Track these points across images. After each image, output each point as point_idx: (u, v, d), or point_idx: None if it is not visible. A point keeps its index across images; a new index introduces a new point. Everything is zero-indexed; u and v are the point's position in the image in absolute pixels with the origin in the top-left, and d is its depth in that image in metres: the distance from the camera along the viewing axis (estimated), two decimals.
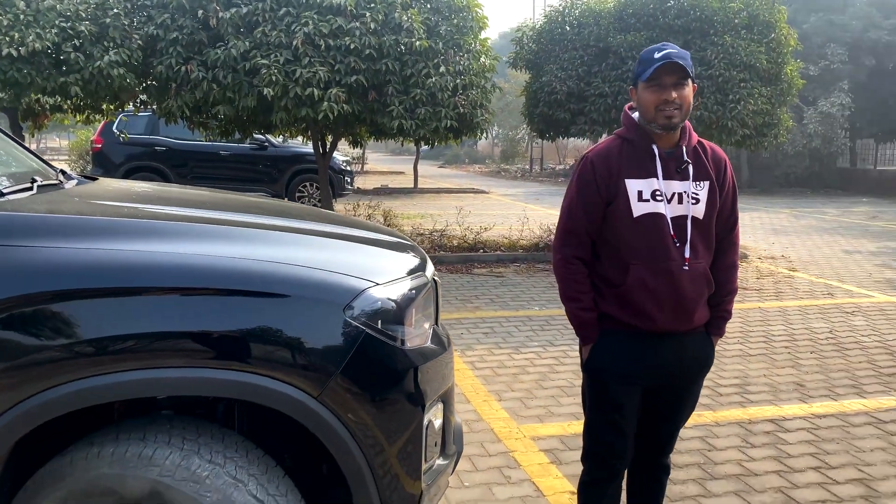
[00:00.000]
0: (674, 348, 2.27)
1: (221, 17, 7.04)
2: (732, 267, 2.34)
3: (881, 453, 3.63)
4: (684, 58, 2.13)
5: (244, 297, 1.78)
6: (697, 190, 2.22)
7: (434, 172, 28.52)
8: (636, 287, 2.19)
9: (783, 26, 8.09)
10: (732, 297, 2.36)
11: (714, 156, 2.29)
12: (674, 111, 2.13)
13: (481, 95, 7.97)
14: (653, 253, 2.18)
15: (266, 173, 13.47)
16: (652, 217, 2.19)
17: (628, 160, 2.22)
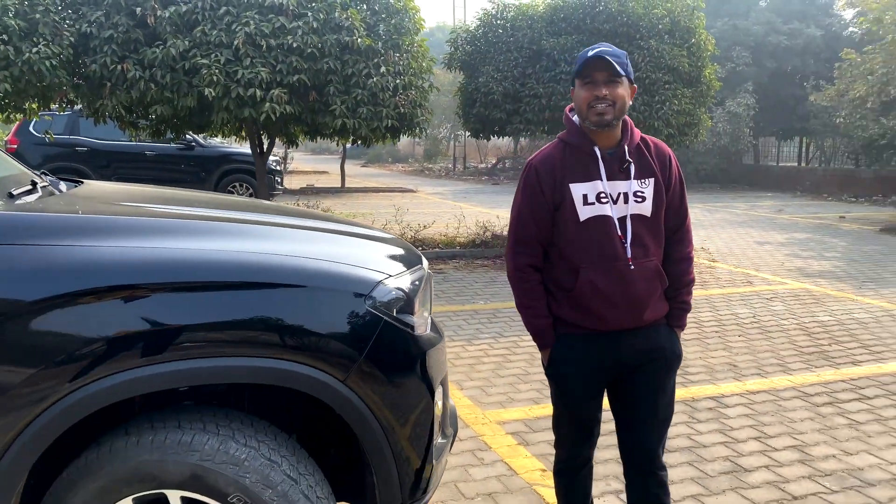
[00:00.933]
0: (631, 344, 2.27)
1: (160, 15, 6.94)
2: (686, 259, 2.35)
3: (811, 423, 4.01)
4: (617, 56, 2.12)
5: (278, 289, 1.90)
6: (643, 188, 2.21)
7: (358, 172, 28.44)
8: (586, 290, 2.19)
9: (702, 32, 8.61)
10: (689, 289, 2.36)
11: (658, 151, 2.27)
12: (606, 108, 2.11)
13: (420, 95, 8.14)
14: (601, 255, 2.18)
15: (193, 173, 13.23)
16: (598, 220, 2.18)
17: (571, 164, 2.21)
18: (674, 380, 2.39)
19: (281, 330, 1.89)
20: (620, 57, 2.14)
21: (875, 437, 3.81)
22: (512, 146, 29.29)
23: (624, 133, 2.23)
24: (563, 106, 8.19)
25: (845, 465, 3.48)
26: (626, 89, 2.15)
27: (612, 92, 2.11)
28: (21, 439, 1.69)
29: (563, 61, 8.21)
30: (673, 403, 2.40)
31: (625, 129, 2.23)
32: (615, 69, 2.10)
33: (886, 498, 3.17)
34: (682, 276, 2.34)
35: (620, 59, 2.13)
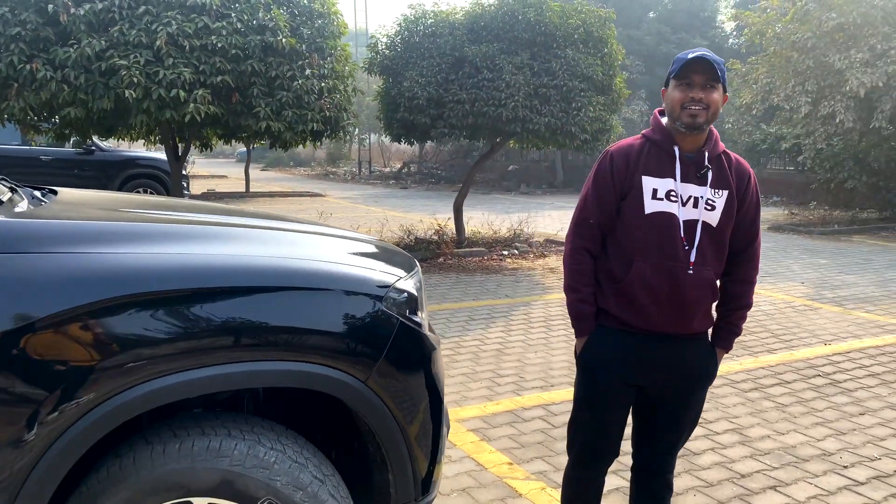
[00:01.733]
0: (670, 352, 2.23)
1: (73, 13, 6.61)
2: (747, 282, 2.30)
3: (742, 407, 4.33)
4: (717, 62, 2.09)
5: (304, 293, 1.92)
6: (715, 197, 2.18)
7: (259, 176, 27.79)
8: (636, 282, 2.17)
9: (613, 42, 9.02)
10: (743, 314, 2.32)
11: (738, 167, 2.24)
12: (699, 110, 2.10)
13: (344, 99, 8.13)
14: (659, 251, 2.16)
15: (93, 179, 12.58)
16: (663, 216, 2.17)
17: (648, 158, 2.20)
18: (703, 397, 2.36)
19: (305, 333, 1.91)
20: (720, 64, 2.10)
21: (800, 418, 4.17)
22: (417, 151, 29.42)
23: (708, 140, 2.21)
24: (485, 112, 8.39)
25: (780, 444, 3.79)
26: (720, 96, 2.13)
27: (708, 96, 2.10)
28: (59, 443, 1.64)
29: (485, 68, 8.40)
30: (698, 418, 2.39)
31: (710, 137, 2.21)
32: (715, 73, 2.08)
33: (820, 471, 3.48)
34: (740, 298, 2.30)
35: (720, 65, 2.10)
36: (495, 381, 4.71)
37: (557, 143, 8.91)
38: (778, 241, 12.14)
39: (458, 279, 8.20)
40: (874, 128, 12.75)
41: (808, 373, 5.00)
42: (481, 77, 8.36)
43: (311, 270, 1.99)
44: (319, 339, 1.93)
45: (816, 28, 12.84)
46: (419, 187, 24.08)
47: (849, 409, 4.30)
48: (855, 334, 6.06)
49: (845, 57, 12.29)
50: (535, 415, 4.15)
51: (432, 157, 29.57)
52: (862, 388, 4.67)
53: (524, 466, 3.49)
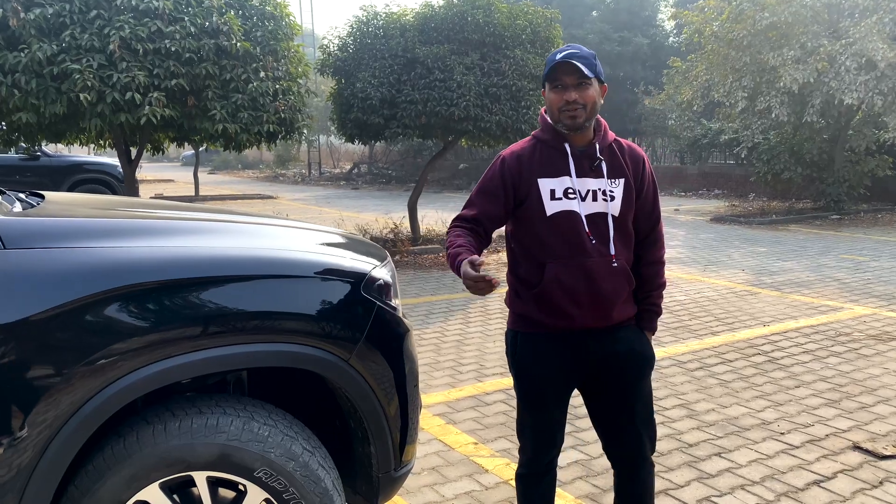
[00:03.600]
0: (598, 345, 2.24)
1: (23, 17, 6.57)
2: (658, 262, 2.34)
3: (689, 385, 4.63)
4: (585, 57, 2.11)
5: (290, 280, 2.09)
6: (613, 187, 2.21)
7: (207, 179, 27.52)
8: (552, 285, 2.18)
9: (559, 42, 9.32)
10: (660, 292, 2.36)
11: (631, 153, 2.29)
12: (577, 110, 2.13)
13: (298, 100, 8.23)
14: (568, 251, 2.18)
15: (39, 184, 12.38)
16: (565, 215, 2.18)
17: (541, 160, 2.22)
18: (648, 383, 2.35)
19: (294, 317, 2.08)
20: (588, 58, 2.12)
21: (742, 392, 4.48)
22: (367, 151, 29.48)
23: (597, 133, 2.23)
24: (438, 112, 8.60)
25: (723, 416, 4.09)
26: (596, 90, 2.16)
27: (583, 95, 2.12)
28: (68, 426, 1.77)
29: (436, 69, 8.60)
30: (651, 405, 2.36)
31: (598, 128, 2.23)
32: (582, 72, 2.10)
33: (760, 438, 3.78)
34: (654, 279, 2.33)
35: (588, 60, 2.12)
36: (457, 370, 4.92)
37: (508, 141, 9.15)
38: (719, 231, 12.66)
39: (415, 276, 8.38)
40: (806, 122, 13.40)
41: (748, 352, 5.34)
42: (433, 77, 8.56)
43: (296, 260, 2.16)
44: (306, 323, 2.10)
45: (751, 27, 13.42)
46: (370, 188, 24.17)
47: (785, 383, 4.64)
48: (791, 315, 6.46)
49: (779, 54, 12.88)
50: (496, 398, 4.37)
51: (382, 158, 29.67)
52: (797, 364, 5.03)
53: (489, 445, 3.70)
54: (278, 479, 2.01)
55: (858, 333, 5.82)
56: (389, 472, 2.32)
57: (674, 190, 21.38)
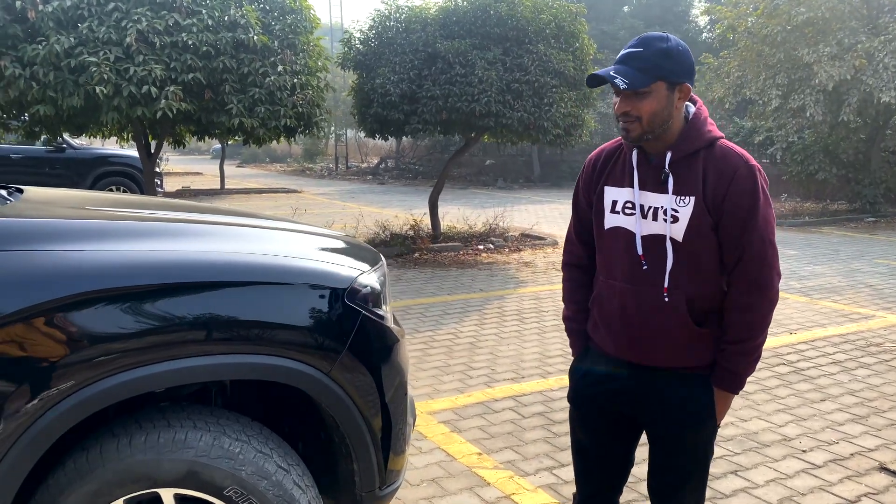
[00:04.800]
0: (643, 385, 1.97)
1: (41, 10, 6.56)
2: (741, 310, 1.87)
3: None
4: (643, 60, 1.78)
5: (265, 287, 1.97)
6: (678, 206, 1.85)
7: (234, 172, 27.65)
8: (596, 303, 2.03)
9: (584, 36, 9.11)
10: (741, 348, 1.88)
11: (719, 164, 1.84)
12: (629, 124, 1.82)
13: (317, 95, 8.14)
14: (617, 271, 1.95)
15: (65, 177, 12.49)
16: (619, 232, 1.94)
17: (614, 165, 1.99)
18: (701, 441, 1.98)
19: (269, 327, 1.95)
20: (647, 59, 1.79)
21: (763, 405, 4.28)
22: (394, 146, 29.41)
23: (681, 138, 1.87)
24: (458, 107, 8.44)
25: (742, 431, 3.89)
26: (656, 98, 1.80)
27: (637, 106, 1.80)
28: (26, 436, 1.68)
29: (457, 64, 8.45)
30: (700, 465, 2.02)
31: (685, 132, 1.87)
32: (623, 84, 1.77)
33: (780, 456, 3.59)
34: (730, 330, 1.88)
35: (646, 62, 1.78)
36: (467, 374, 4.77)
37: (530, 138, 8.99)
38: None
39: (433, 274, 8.25)
40: (842, 121, 12.99)
41: (772, 361, 5.12)
42: (454, 72, 8.41)
43: (273, 265, 2.03)
44: (283, 333, 1.98)
45: (786, 22, 13.05)
46: (396, 183, 24.09)
47: (810, 396, 4.42)
48: (819, 323, 6.21)
49: (814, 51, 12.50)
50: (505, 406, 4.22)
51: (409, 153, 29.58)
52: (824, 376, 4.80)
53: (493, 456, 3.56)
54: (249, 498, 1.90)
55: (891, 344, 5.56)
56: (373, 490, 2.19)
57: None
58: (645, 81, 1.78)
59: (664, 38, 1.83)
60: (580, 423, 2.15)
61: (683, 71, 1.83)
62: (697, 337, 1.90)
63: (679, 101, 1.85)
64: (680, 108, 1.87)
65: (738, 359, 1.90)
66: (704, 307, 1.90)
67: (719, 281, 1.91)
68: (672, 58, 1.81)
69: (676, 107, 1.85)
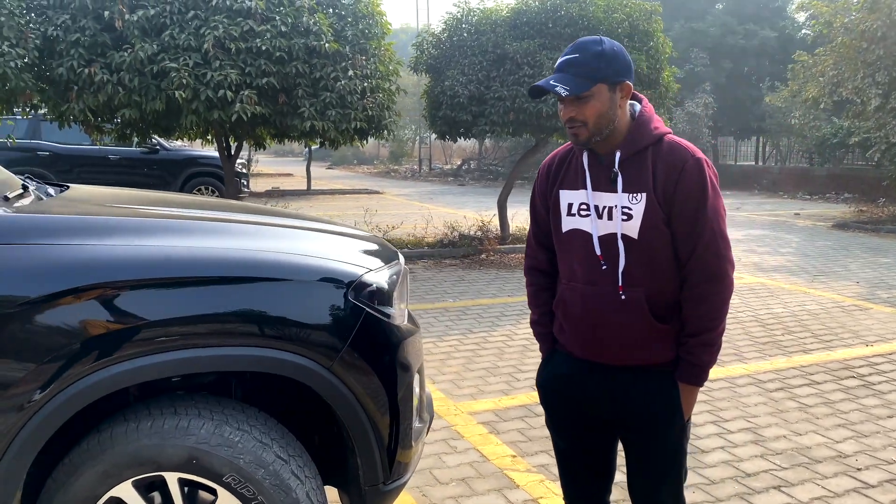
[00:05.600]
0: (609, 384, 1.96)
1: (128, 19, 6.97)
2: (697, 301, 1.87)
3: (763, 407, 4.25)
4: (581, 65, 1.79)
5: (269, 283, 2.04)
6: (631, 203, 1.85)
7: (324, 174, 28.41)
8: (559, 306, 2.03)
9: (660, 35, 8.89)
10: (703, 339, 1.88)
11: (668, 159, 1.85)
12: (577, 129, 1.83)
13: (387, 98, 8.28)
14: (577, 272, 1.95)
15: (158, 177, 13.18)
16: (576, 234, 1.94)
17: (567, 168, 1.99)
18: (670, 440, 1.97)
19: (272, 321, 2.02)
20: (584, 65, 1.79)
21: (822, 419, 4.07)
22: (477, 147, 29.49)
23: (628, 136, 1.87)
24: (526, 108, 8.40)
25: (795, 445, 3.72)
26: (599, 101, 1.81)
27: (580, 111, 1.81)
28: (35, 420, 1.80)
29: (525, 65, 8.42)
30: (673, 463, 2.00)
31: (632, 131, 1.88)
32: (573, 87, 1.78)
33: (831, 473, 3.40)
34: (692, 322, 1.88)
35: (583, 67, 1.79)
36: (514, 377, 4.76)
37: None
38: (839, 239, 11.70)
39: (497, 275, 8.24)
40: None
41: (841, 374, 4.85)
42: (522, 73, 8.38)
43: (280, 262, 2.10)
44: (285, 327, 2.04)
45: (887, 16, 12.30)
46: (476, 184, 24.16)
47: (877, 412, 4.17)
48: None
49: None
50: None
51: (492, 154, 29.59)
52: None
53: (527, 459, 3.54)
54: (247, 486, 1.97)
55: None
56: (377, 485, 2.23)
57: (798, 193, 20.01)
58: (585, 86, 1.80)
59: (598, 41, 1.86)
60: (554, 428, 2.17)
61: (621, 70, 1.84)
62: (659, 333, 1.90)
63: (622, 101, 1.87)
64: (624, 107, 1.89)
65: (698, 350, 1.89)
66: (665, 302, 1.90)
67: (677, 276, 1.91)
68: (608, 59, 1.82)
69: (620, 106, 1.87)
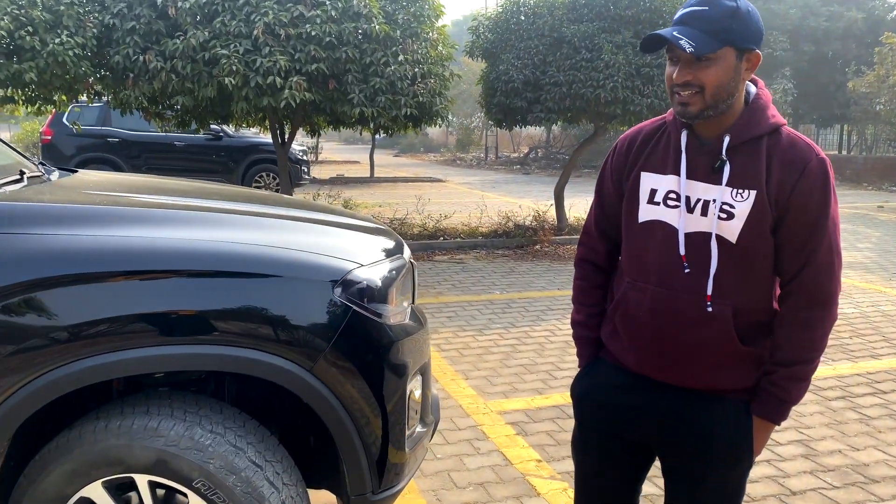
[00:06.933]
0: (668, 407, 1.70)
1: (180, 6, 7.02)
2: (799, 327, 1.60)
3: (820, 417, 3.92)
4: (713, 20, 1.51)
5: (241, 279, 1.92)
6: (735, 200, 1.57)
7: (390, 161, 28.51)
8: (618, 309, 1.74)
9: None
10: (792, 373, 1.61)
11: (787, 155, 1.57)
12: (689, 96, 1.55)
13: (439, 84, 8.10)
14: (650, 273, 1.66)
15: (221, 163, 13.41)
16: (657, 226, 1.65)
17: (655, 147, 1.70)
18: (734, 477, 1.71)
19: (246, 319, 1.90)
20: (716, 20, 1.51)
21: (885, 433, 3.71)
22: (545, 135, 29.02)
23: (741, 120, 1.60)
24: (583, 94, 8.09)
25: (850, 461, 3.40)
26: (723, 67, 1.53)
27: (698, 76, 1.53)
28: None
29: (583, 48, 8.09)
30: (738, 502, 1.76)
31: (747, 115, 1.60)
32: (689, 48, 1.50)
33: (889, 495, 3.08)
34: (782, 349, 1.61)
35: (715, 23, 1.51)
36: (552, 374, 4.54)
37: None
38: None
39: (549, 267, 7.99)
40: None
41: None
42: (579, 58, 8.06)
43: (258, 256, 1.97)
44: (262, 326, 1.92)
45: None
46: (542, 173, 23.76)
47: None
48: None
49: None
50: None
51: (560, 142, 29.08)
52: None
53: (553, 465, 3.34)
54: (216, 492, 1.86)
55: None
56: (365, 494, 2.09)
57: (883, 184, 18.84)
58: (713, 46, 1.51)
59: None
60: (583, 446, 1.90)
61: (753, 35, 1.56)
62: (740, 355, 1.63)
63: (746, 73, 1.58)
64: (746, 82, 1.61)
65: (787, 384, 1.62)
66: (751, 321, 1.63)
67: (771, 292, 1.65)
68: (741, 19, 1.53)
69: (743, 79, 1.58)
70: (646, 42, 1.59)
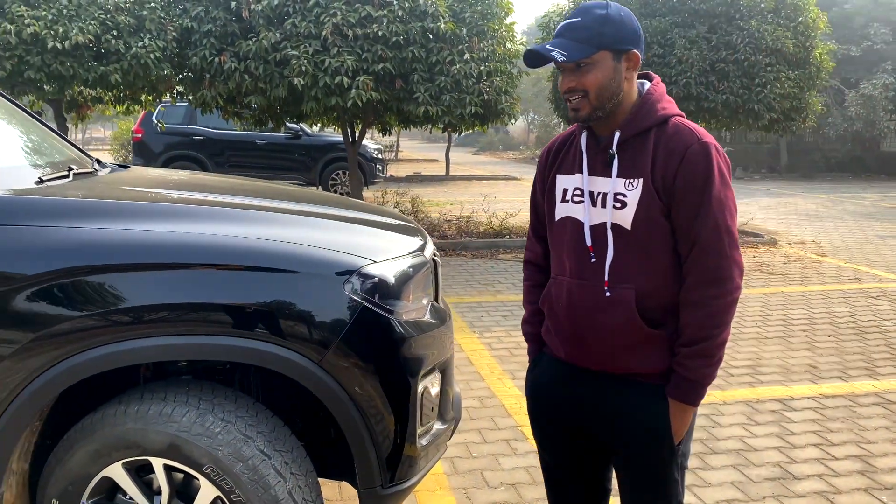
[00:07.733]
0: (595, 393, 1.77)
1: (253, 9, 7.27)
2: (697, 305, 1.65)
3: (885, 432, 3.70)
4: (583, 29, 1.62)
5: (255, 273, 1.97)
6: (627, 190, 1.67)
7: (468, 160, 28.65)
8: (547, 301, 1.84)
9: (812, 9, 8.02)
10: (696, 351, 1.65)
11: (670, 143, 1.65)
12: (578, 101, 1.65)
13: (506, 82, 8.08)
14: (563, 266, 1.78)
15: (300, 162, 13.77)
16: (568, 222, 1.76)
17: (567, 151, 1.82)
18: (658, 468, 1.75)
19: (258, 311, 1.96)
20: (586, 29, 1.61)
21: None
22: None
23: (631, 115, 1.68)
24: None
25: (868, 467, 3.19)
26: (601, 70, 1.62)
27: (580, 81, 1.63)
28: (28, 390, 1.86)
29: (655, 44, 7.90)
30: (659, 492, 1.78)
31: (636, 109, 1.68)
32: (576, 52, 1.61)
33: None
34: (687, 329, 1.66)
35: (586, 31, 1.61)
36: None
37: (739, 123, 8.14)
38: None
39: None
40: None
41: None
42: (651, 53, 7.88)
43: (270, 251, 2.03)
44: (272, 319, 1.97)
45: None
46: None
47: None
48: None
49: None
50: None
51: None
52: None
53: None
54: (224, 478, 1.93)
55: None
56: (374, 487, 2.11)
57: None
58: (585, 52, 1.62)
59: (603, 4, 1.67)
60: (540, 439, 1.97)
61: (627, 37, 1.66)
62: (649, 339, 1.70)
63: (628, 72, 1.68)
64: (631, 81, 1.70)
65: (692, 363, 1.66)
66: (658, 304, 1.70)
67: (675, 275, 1.70)
68: (613, 23, 1.64)
69: (626, 78, 1.68)
70: (526, 58, 1.73)
